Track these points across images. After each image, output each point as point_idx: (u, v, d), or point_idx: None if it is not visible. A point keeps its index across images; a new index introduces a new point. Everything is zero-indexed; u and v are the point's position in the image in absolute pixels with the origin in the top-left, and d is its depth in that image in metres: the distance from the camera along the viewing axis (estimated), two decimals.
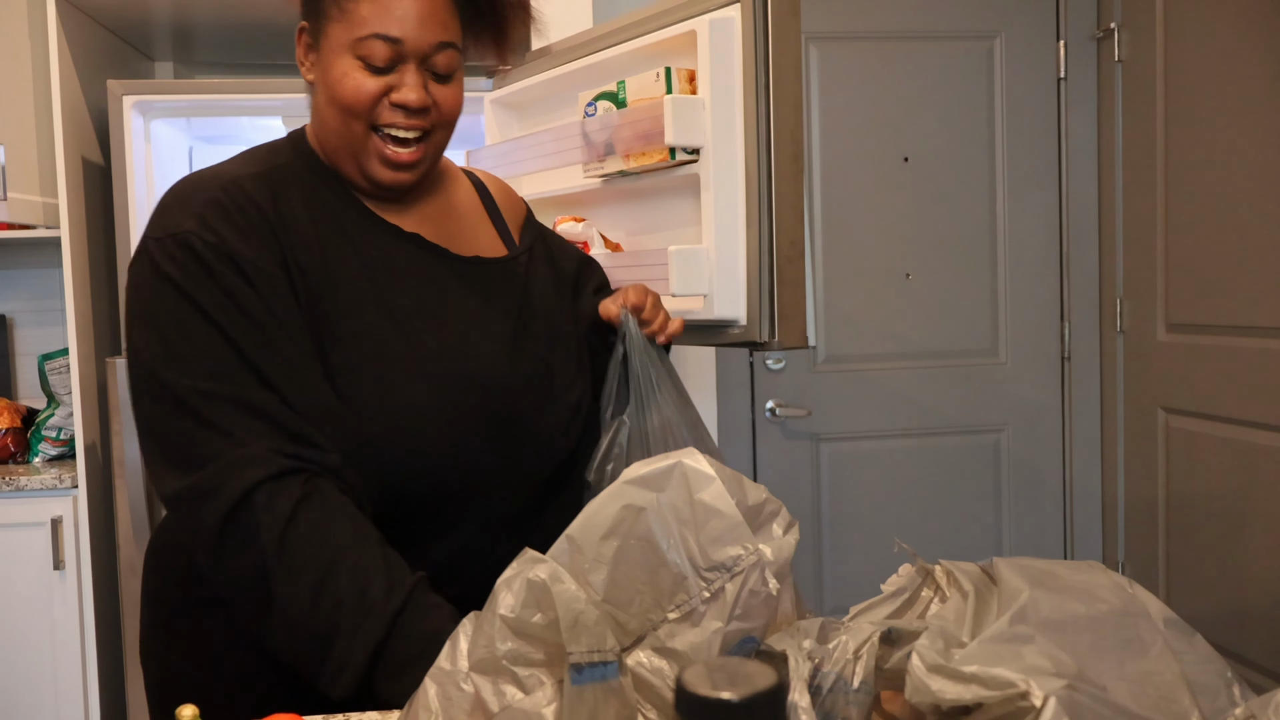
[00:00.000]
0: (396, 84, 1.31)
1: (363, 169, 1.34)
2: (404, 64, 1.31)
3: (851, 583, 3.46)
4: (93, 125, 2.79)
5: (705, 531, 0.97)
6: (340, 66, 1.30)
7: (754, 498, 1.01)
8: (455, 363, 1.29)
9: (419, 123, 1.33)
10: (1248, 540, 2.89)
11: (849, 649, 0.89)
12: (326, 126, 1.34)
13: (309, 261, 1.25)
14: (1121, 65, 3.32)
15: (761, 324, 1.83)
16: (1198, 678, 0.86)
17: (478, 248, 1.45)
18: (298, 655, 1.14)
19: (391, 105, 1.31)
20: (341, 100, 1.30)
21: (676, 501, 0.98)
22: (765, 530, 1.02)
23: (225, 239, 1.20)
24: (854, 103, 3.37)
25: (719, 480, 0.99)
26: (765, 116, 1.80)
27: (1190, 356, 3.08)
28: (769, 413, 3.38)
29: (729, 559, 0.97)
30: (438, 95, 1.34)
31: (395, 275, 1.31)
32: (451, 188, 1.51)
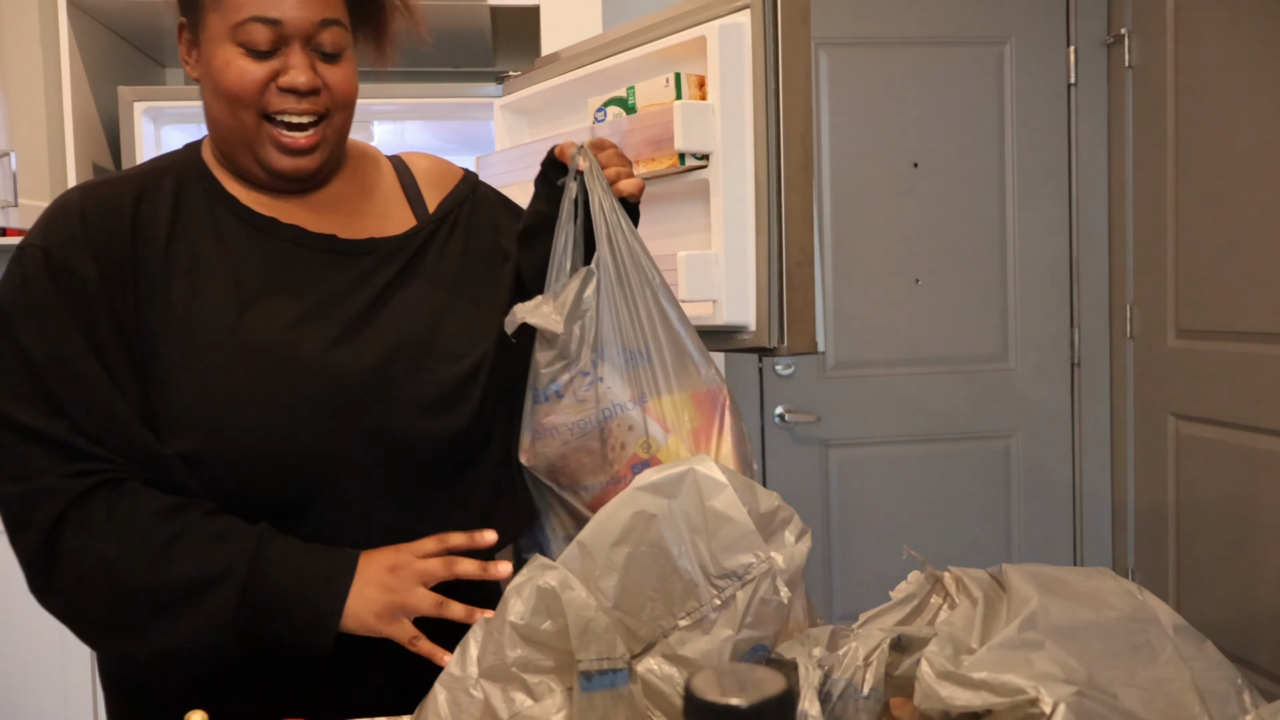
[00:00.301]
0: (282, 68, 1.26)
1: (260, 160, 1.30)
2: (288, 46, 1.26)
3: (861, 588, 3.46)
4: (104, 131, 2.79)
5: (717, 539, 0.97)
6: (222, 56, 1.25)
7: (766, 505, 1.01)
8: (282, 350, 1.23)
9: (311, 106, 1.28)
10: (1258, 546, 2.88)
11: (859, 656, 0.89)
12: (217, 122, 1.30)
13: (151, 259, 1.23)
14: (1132, 71, 3.31)
15: (771, 329, 1.82)
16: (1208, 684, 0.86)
17: (382, 229, 1.39)
18: (165, 653, 1.16)
19: (280, 90, 1.26)
20: (227, 90, 1.26)
21: (688, 508, 0.98)
22: (777, 538, 1.02)
23: (53, 248, 1.21)
24: (864, 108, 3.37)
25: (731, 487, 0.98)
26: (775, 122, 1.80)
27: (1200, 362, 3.07)
28: (778, 418, 3.37)
29: (740, 567, 0.96)
30: (328, 76, 1.29)
31: (245, 265, 1.27)
32: (361, 172, 1.45)
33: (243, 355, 1.21)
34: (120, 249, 1.23)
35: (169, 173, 1.32)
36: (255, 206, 1.33)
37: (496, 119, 2.45)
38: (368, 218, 1.39)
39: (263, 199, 1.34)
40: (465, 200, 1.50)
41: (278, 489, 1.22)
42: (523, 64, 2.63)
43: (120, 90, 2.61)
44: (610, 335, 1.30)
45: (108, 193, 1.27)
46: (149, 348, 1.21)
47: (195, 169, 1.33)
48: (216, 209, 1.30)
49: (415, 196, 1.47)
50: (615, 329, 1.31)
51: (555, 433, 1.33)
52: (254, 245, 1.29)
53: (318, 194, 1.38)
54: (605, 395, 1.30)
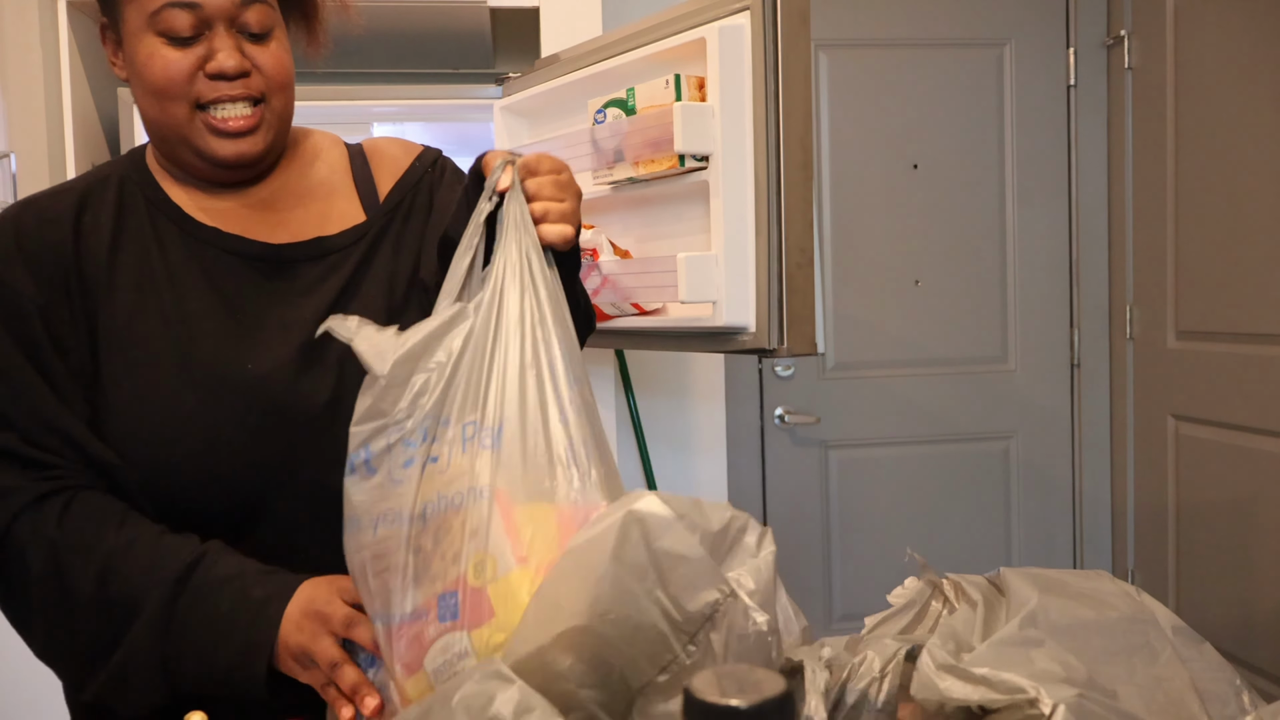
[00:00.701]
0: (208, 53, 1.19)
1: (199, 152, 1.24)
2: (211, 30, 1.19)
3: (861, 589, 3.46)
4: (104, 132, 2.79)
5: (673, 582, 0.88)
6: (144, 49, 1.19)
7: (718, 521, 0.94)
8: (229, 367, 1.20)
9: (244, 91, 1.22)
10: (1258, 547, 2.88)
11: (875, 667, 0.88)
12: (151, 120, 1.24)
13: (94, 273, 1.21)
14: (1132, 72, 3.32)
15: (771, 331, 1.83)
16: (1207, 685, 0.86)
17: (325, 226, 1.32)
18: (104, 675, 1.13)
19: (208, 78, 1.20)
20: (153, 84, 1.20)
21: (634, 557, 0.88)
22: (738, 551, 0.95)
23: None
24: (863, 110, 3.37)
25: (674, 519, 0.89)
26: (775, 123, 1.80)
27: (1200, 364, 3.07)
28: (778, 420, 3.37)
29: (706, 606, 0.89)
30: (257, 57, 1.22)
31: (188, 279, 1.23)
32: (305, 162, 1.38)
33: (186, 375, 1.19)
34: (62, 263, 1.21)
35: (111, 181, 1.28)
36: (198, 214, 1.28)
37: (496, 121, 2.45)
38: (312, 215, 1.33)
39: (205, 202, 1.30)
40: (420, 181, 1.41)
41: (221, 507, 1.20)
42: (523, 66, 2.63)
43: (120, 91, 2.61)
44: (467, 401, 1.02)
45: (48, 206, 1.24)
46: (94, 362, 1.20)
47: (137, 175, 1.30)
48: (158, 219, 1.27)
49: (367, 187, 1.39)
50: (479, 395, 1.02)
51: (358, 524, 1.03)
52: (196, 258, 1.25)
53: (261, 190, 1.32)
54: (440, 479, 1.00)
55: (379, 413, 1.01)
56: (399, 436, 1.01)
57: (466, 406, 1.01)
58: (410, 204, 1.38)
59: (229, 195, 1.31)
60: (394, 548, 1.00)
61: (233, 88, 1.21)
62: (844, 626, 3.44)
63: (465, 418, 1.01)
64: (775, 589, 0.95)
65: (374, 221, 1.34)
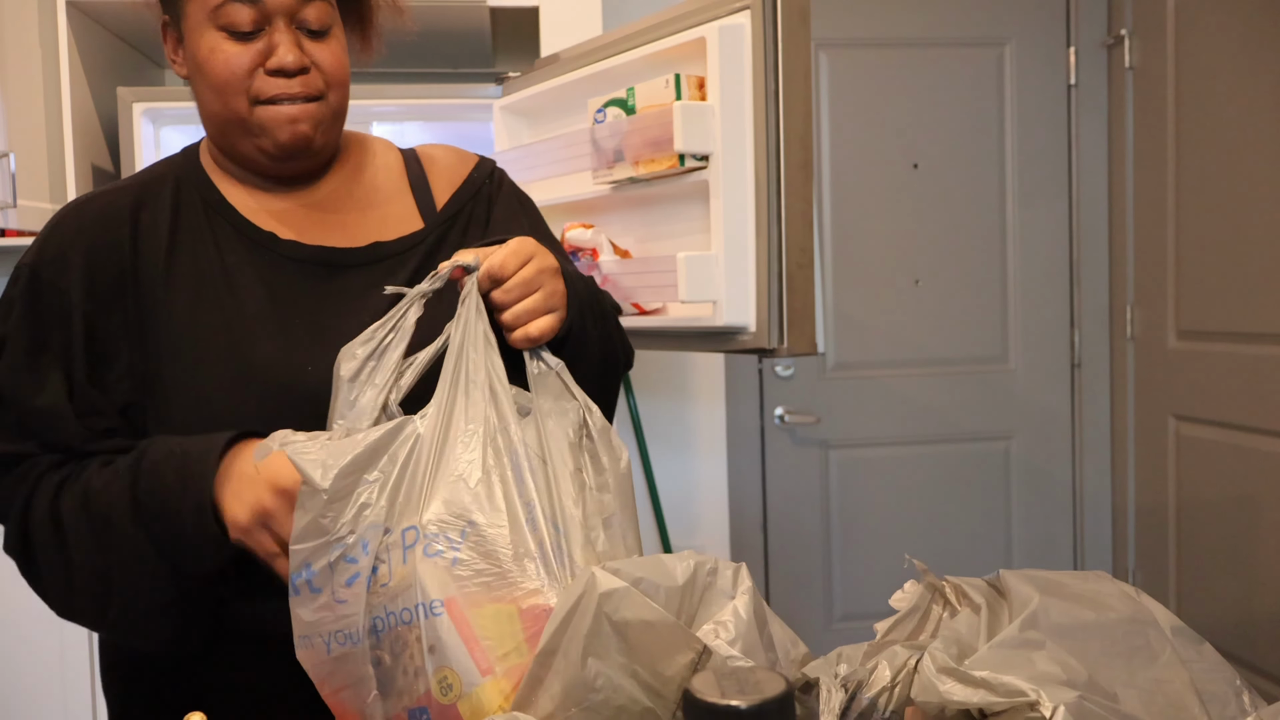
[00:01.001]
0: (268, 49, 1.21)
1: (259, 143, 1.25)
2: (271, 25, 1.21)
3: (861, 589, 3.46)
4: (103, 132, 2.79)
5: (643, 651, 0.85)
6: (206, 44, 1.21)
7: (682, 573, 0.90)
8: (287, 374, 1.20)
9: (302, 88, 1.23)
10: (1259, 548, 2.88)
11: (885, 675, 0.88)
12: (211, 115, 1.26)
13: (152, 274, 1.22)
14: (1132, 72, 3.31)
15: (771, 330, 1.82)
16: (1207, 686, 0.86)
17: (383, 230, 1.33)
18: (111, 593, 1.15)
19: (268, 74, 1.21)
20: (214, 78, 1.21)
21: (600, 637, 0.85)
22: (712, 597, 0.92)
23: (42, 266, 1.21)
24: (864, 110, 3.37)
25: (628, 588, 0.86)
26: (775, 123, 1.80)
27: (1201, 363, 3.07)
28: (778, 419, 3.37)
29: (682, 669, 0.86)
30: (316, 54, 1.23)
31: (245, 282, 1.24)
32: (362, 165, 1.39)
33: (244, 381, 1.20)
34: (119, 263, 1.22)
35: (167, 180, 1.29)
36: (254, 216, 1.29)
37: (496, 120, 2.45)
38: (369, 219, 1.33)
39: (262, 203, 1.30)
40: (479, 192, 1.41)
41: None
42: (522, 65, 2.63)
43: (119, 91, 2.61)
44: (408, 509, 0.99)
45: (106, 204, 1.25)
46: (148, 364, 1.20)
47: (194, 175, 1.30)
48: (215, 219, 1.27)
49: (424, 194, 1.39)
50: (422, 503, 0.99)
51: (310, 642, 1.00)
52: (252, 261, 1.25)
53: (317, 191, 1.33)
54: (384, 593, 0.97)
55: (320, 530, 0.98)
56: (340, 553, 0.98)
57: (407, 514, 0.99)
58: (469, 214, 1.38)
59: (286, 195, 1.32)
60: (354, 665, 0.97)
61: (291, 84, 1.22)
62: (844, 626, 3.44)
63: (404, 524, 0.98)
64: (763, 624, 0.92)
65: (432, 229, 1.34)
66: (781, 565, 3.42)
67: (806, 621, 3.41)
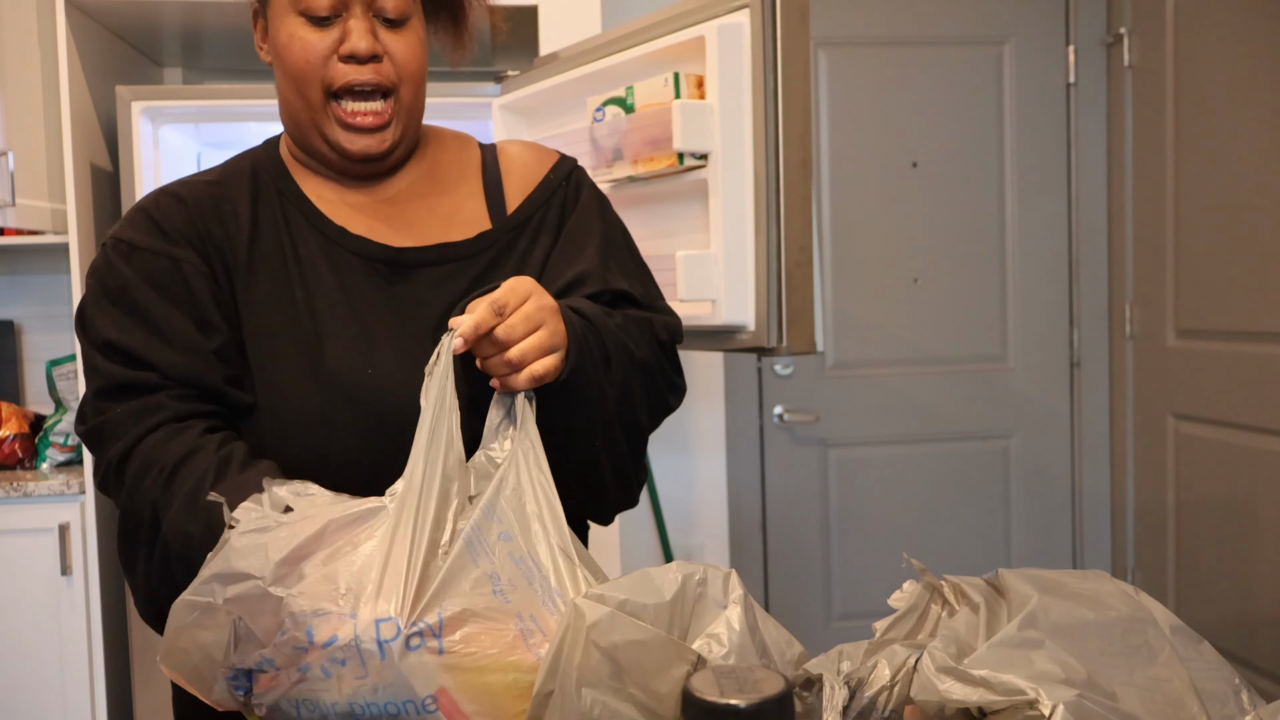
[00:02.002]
0: (343, 35, 1.22)
1: (329, 141, 1.26)
2: (348, 11, 1.22)
3: (860, 588, 3.46)
4: (101, 131, 2.79)
5: (636, 671, 0.84)
6: (285, 30, 1.23)
7: (669, 587, 0.88)
8: (352, 374, 1.21)
9: (374, 76, 1.23)
10: (1258, 546, 2.88)
11: (885, 675, 0.88)
12: (289, 105, 1.28)
13: (235, 263, 1.24)
14: (1131, 71, 3.31)
15: (770, 329, 1.82)
16: (1206, 685, 0.85)
17: (450, 230, 1.31)
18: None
19: (341, 60, 1.22)
20: (291, 65, 1.23)
21: (591, 666, 0.84)
22: (704, 607, 0.90)
23: (137, 244, 1.22)
24: (863, 108, 3.37)
25: (612, 611, 0.84)
26: (774, 122, 1.80)
27: (1200, 362, 3.07)
28: (777, 418, 3.37)
29: (677, 683, 0.85)
30: (390, 44, 1.24)
31: (316, 275, 1.25)
32: (437, 161, 1.38)
33: (313, 377, 1.21)
34: (215, 245, 1.24)
35: (245, 170, 1.31)
36: (326, 209, 1.30)
37: (495, 119, 2.45)
38: (438, 218, 1.33)
39: (336, 196, 1.31)
40: (553, 197, 1.37)
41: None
42: (521, 64, 2.62)
43: (118, 90, 2.61)
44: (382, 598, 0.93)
45: (191, 192, 1.27)
46: (244, 344, 1.23)
47: (271, 165, 1.32)
48: (290, 210, 1.29)
49: (496, 193, 1.37)
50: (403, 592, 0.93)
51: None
52: (324, 254, 1.27)
53: (390, 186, 1.33)
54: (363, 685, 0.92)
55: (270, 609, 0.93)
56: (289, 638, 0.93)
57: (375, 604, 0.93)
58: (540, 221, 1.35)
59: (359, 190, 1.33)
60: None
61: (363, 72, 1.23)
62: (843, 625, 3.44)
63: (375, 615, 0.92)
64: (756, 630, 0.90)
65: (500, 233, 1.32)
66: (780, 564, 3.42)
67: (805, 620, 3.41)
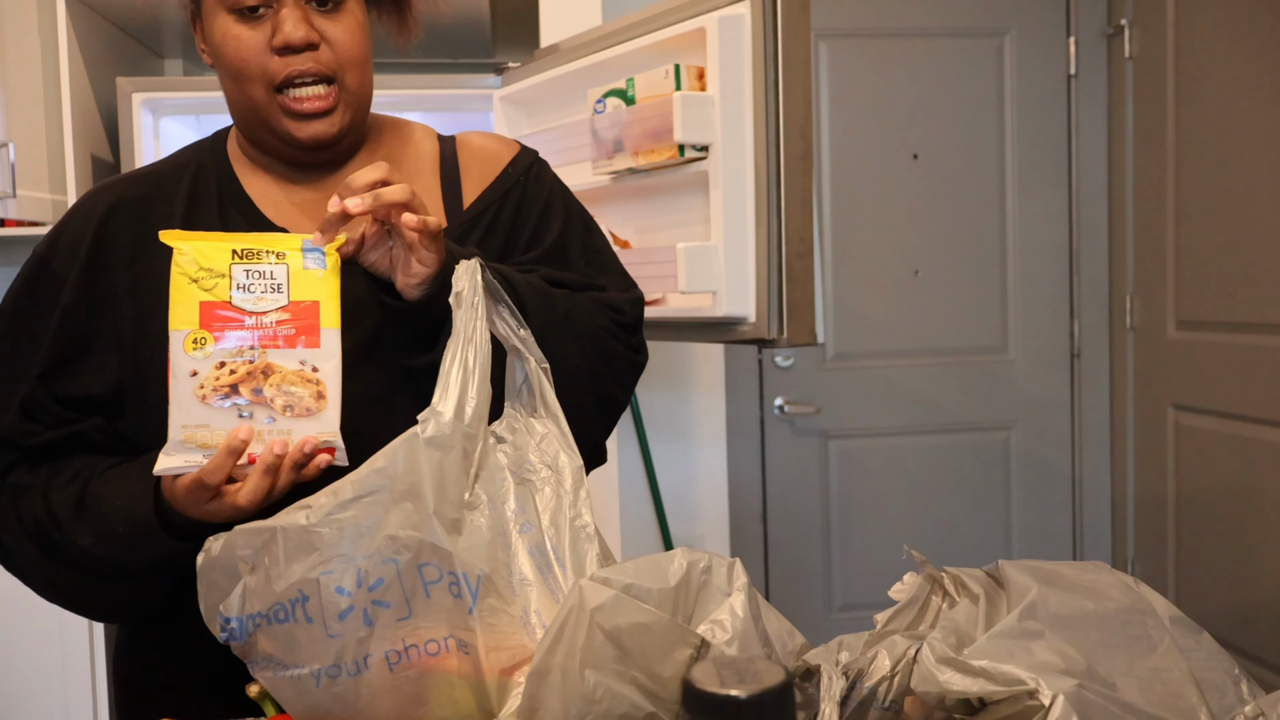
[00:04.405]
0: (276, 26, 1.17)
1: (278, 134, 1.22)
2: (279, 1, 1.18)
3: (860, 579, 3.46)
4: (102, 122, 2.79)
5: (640, 654, 0.84)
6: (219, 29, 1.19)
7: (674, 573, 0.89)
8: None
9: (313, 66, 1.19)
10: (1258, 537, 2.88)
11: (885, 666, 0.88)
12: (234, 102, 1.24)
13: (160, 270, 1.13)
14: (1132, 62, 3.31)
15: (770, 321, 1.83)
16: (1206, 675, 0.86)
17: None
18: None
19: (276, 52, 1.18)
20: (229, 63, 1.19)
21: (595, 649, 0.84)
22: (708, 595, 0.90)
23: (52, 256, 1.22)
24: (863, 100, 3.37)
25: (618, 594, 0.85)
26: (774, 114, 1.80)
27: (1201, 353, 3.07)
28: (778, 410, 3.37)
29: (681, 666, 0.85)
30: (327, 30, 1.19)
31: None
32: (391, 155, 1.34)
33: None
34: (127, 252, 1.22)
35: (188, 168, 1.28)
36: (270, 209, 1.27)
37: (496, 111, 2.45)
38: None
39: (282, 194, 1.28)
40: (510, 191, 1.35)
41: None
42: (522, 55, 2.62)
43: (119, 81, 2.60)
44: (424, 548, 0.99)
45: (122, 194, 1.25)
46: (142, 367, 1.20)
47: (215, 162, 1.29)
48: (228, 210, 1.26)
49: (453, 188, 1.34)
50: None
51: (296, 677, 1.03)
52: None
53: (338, 181, 1.28)
54: (403, 628, 1.00)
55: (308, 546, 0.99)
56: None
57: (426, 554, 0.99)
58: (495, 215, 1.33)
59: (307, 186, 1.29)
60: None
61: (302, 61, 1.19)
62: (843, 616, 3.45)
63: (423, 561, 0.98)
64: (759, 619, 0.91)
65: (452, 230, 1.29)
66: (781, 555, 3.42)
67: (806, 612, 3.41)
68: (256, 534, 0.99)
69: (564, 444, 1.09)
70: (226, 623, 1.00)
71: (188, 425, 1.06)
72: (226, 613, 1.00)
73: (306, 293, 1.08)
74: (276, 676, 1.00)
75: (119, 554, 1.15)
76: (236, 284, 1.07)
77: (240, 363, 1.06)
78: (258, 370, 1.06)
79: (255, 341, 1.06)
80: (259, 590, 0.98)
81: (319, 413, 1.06)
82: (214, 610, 1.01)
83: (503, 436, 1.09)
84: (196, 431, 1.06)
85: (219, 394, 1.05)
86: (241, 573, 0.99)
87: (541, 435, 1.10)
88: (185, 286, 1.07)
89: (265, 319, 1.07)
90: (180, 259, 1.07)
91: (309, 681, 0.99)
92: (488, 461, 1.05)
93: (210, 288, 1.07)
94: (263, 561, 0.98)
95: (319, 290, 1.09)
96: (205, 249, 1.08)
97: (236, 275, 1.07)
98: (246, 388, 1.05)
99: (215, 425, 1.06)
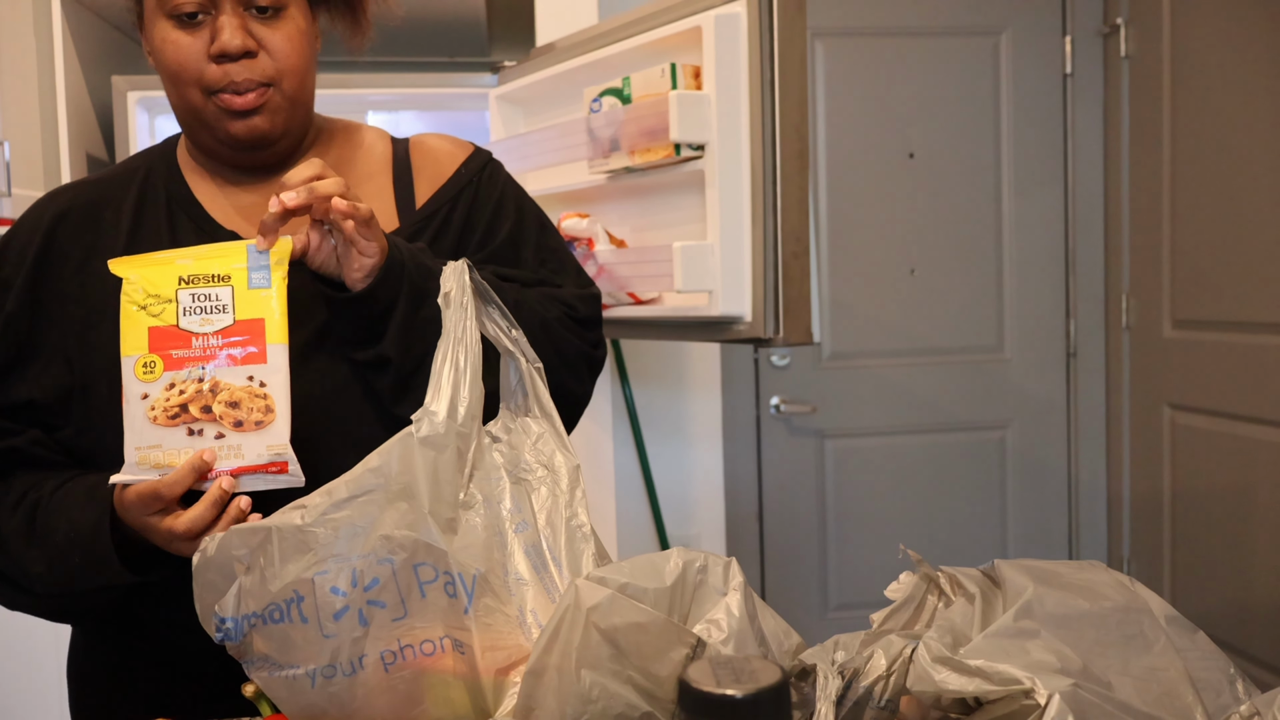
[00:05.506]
0: (214, 33, 1.16)
1: (216, 136, 1.21)
2: (217, 8, 1.16)
3: (856, 579, 3.46)
4: (97, 120, 2.79)
5: (635, 653, 0.84)
6: (159, 34, 1.18)
7: (670, 572, 0.89)
8: None
9: (249, 74, 1.17)
10: (1253, 536, 2.89)
11: (881, 665, 0.88)
12: (174, 106, 1.23)
13: (105, 276, 1.14)
14: (1128, 61, 3.31)
15: (766, 320, 1.83)
16: (1201, 674, 0.86)
17: None
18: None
19: (211, 59, 1.17)
20: (167, 68, 1.18)
21: (591, 648, 0.84)
22: (704, 594, 0.90)
23: (3, 258, 1.22)
24: (859, 99, 3.37)
25: (614, 594, 0.85)
26: (770, 112, 1.80)
27: (1196, 353, 3.07)
28: (774, 409, 3.37)
29: (677, 666, 0.85)
30: (266, 37, 1.18)
31: None
32: (342, 158, 1.33)
33: None
34: (75, 259, 1.22)
35: (138, 173, 1.28)
36: (218, 214, 1.26)
37: (492, 109, 2.45)
38: None
39: (229, 198, 1.27)
40: (462, 192, 1.34)
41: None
42: (518, 54, 2.62)
43: (114, 79, 2.60)
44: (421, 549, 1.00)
45: (71, 200, 1.25)
46: (87, 374, 1.19)
47: (164, 167, 1.28)
48: (177, 215, 1.25)
49: (405, 190, 1.33)
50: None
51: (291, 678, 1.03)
52: None
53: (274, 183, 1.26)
54: (398, 628, 1.01)
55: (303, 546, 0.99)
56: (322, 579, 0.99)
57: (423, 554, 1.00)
58: (446, 216, 1.32)
59: (254, 188, 1.28)
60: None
61: (239, 69, 1.17)
62: (840, 615, 3.45)
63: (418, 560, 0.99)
64: (755, 619, 0.91)
65: (404, 230, 1.28)
66: (777, 555, 3.42)
67: (802, 611, 3.41)
68: (252, 534, 0.99)
69: (559, 444, 1.10)
70: (222, 623, 1.01)
71: (140, 447, 1.09)
72: (222, 613, 1.00)
73: (252, 310, 1.11)
74: (272, 676, 1.01)
75: (72, 580, 1.15)
76: (183, 308, 1.10)
77: (189, 382, 1.09)
78: (206, 389, 1.08)
79: (203, 361, 1.09)
80: (254, 590, 0.98)
81: (268, 425, 1.09)
82: (209, 610, 1.02)
83: (498, 436, 1.10)
84: (150, 452, 1.08)
85: (169, 414, 1.08)
86: (237, 573, 0.99)
87: (537, 435, 1.11)
88: (134, 314, 1.10)
89: (212, 340, 1.10)
90: (129, 288, 1.11)
91: (304, 681, 0.99)
92: (483, 461, 1.05)
93: (158, 314, 1.10)
94: (258, 561, 0.98)
95: (264, 307, 1.11)
96: (152, 275, 1.11)
97: (183, 300, 1.10)
98: (195, 406, 1.08)
99: (167, 445, 1.08)
